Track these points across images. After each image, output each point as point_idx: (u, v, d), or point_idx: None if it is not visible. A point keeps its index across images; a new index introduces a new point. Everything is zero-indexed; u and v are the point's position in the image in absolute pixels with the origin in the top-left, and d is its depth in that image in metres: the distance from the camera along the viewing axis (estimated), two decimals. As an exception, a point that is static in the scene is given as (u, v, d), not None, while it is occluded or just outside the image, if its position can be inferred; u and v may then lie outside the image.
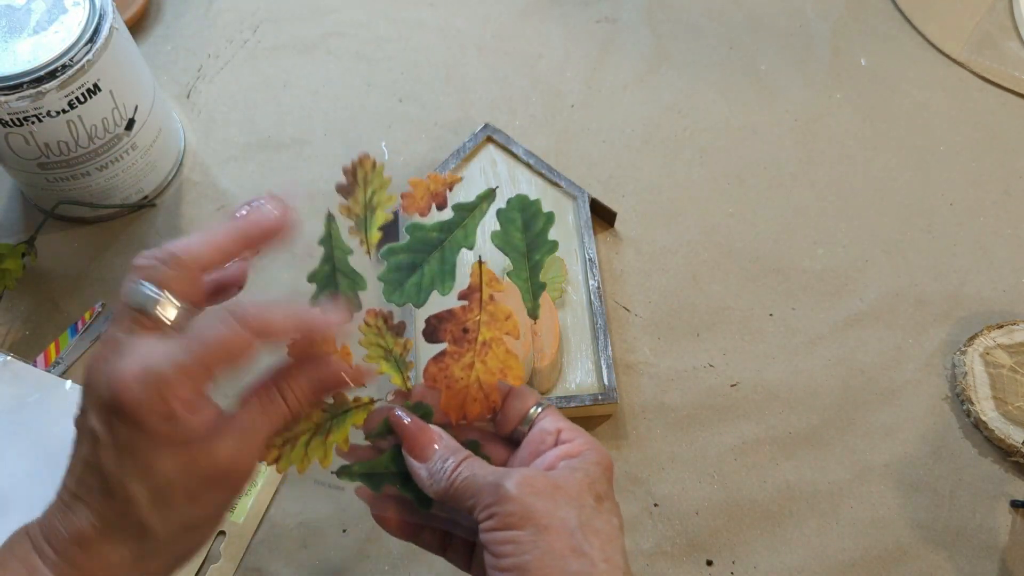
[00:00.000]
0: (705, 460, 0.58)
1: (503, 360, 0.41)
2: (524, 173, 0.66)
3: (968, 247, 0.67)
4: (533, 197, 0.59)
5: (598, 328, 0.59)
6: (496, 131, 0.67)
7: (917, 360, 0.62)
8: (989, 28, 0.77)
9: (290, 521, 0.55)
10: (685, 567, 0.54)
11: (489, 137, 0.67)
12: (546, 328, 0.58)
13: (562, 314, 0.60)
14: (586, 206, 0.64)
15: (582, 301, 0.61)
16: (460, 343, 0.41)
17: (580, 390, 0.58)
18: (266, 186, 0.68)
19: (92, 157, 0.60)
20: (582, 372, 0.58)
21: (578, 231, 0.63)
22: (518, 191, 0.62)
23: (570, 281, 0.62)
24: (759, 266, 0.65)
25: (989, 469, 0.57)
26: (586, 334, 0.60)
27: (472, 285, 0.41)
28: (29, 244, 0.63)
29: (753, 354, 0.62)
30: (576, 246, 0.63)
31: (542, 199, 0.61)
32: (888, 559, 0.54)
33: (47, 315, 0.62)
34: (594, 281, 0.61)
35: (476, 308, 0.41)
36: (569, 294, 0.61)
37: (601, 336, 0.59)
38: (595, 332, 0.59)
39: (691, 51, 0.77)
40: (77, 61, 0.55)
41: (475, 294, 0.41)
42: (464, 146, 0.66)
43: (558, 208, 0.64)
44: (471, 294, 0.41)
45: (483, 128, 0.67)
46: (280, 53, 0.76)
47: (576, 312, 0.61)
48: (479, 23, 0.78)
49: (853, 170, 0.70)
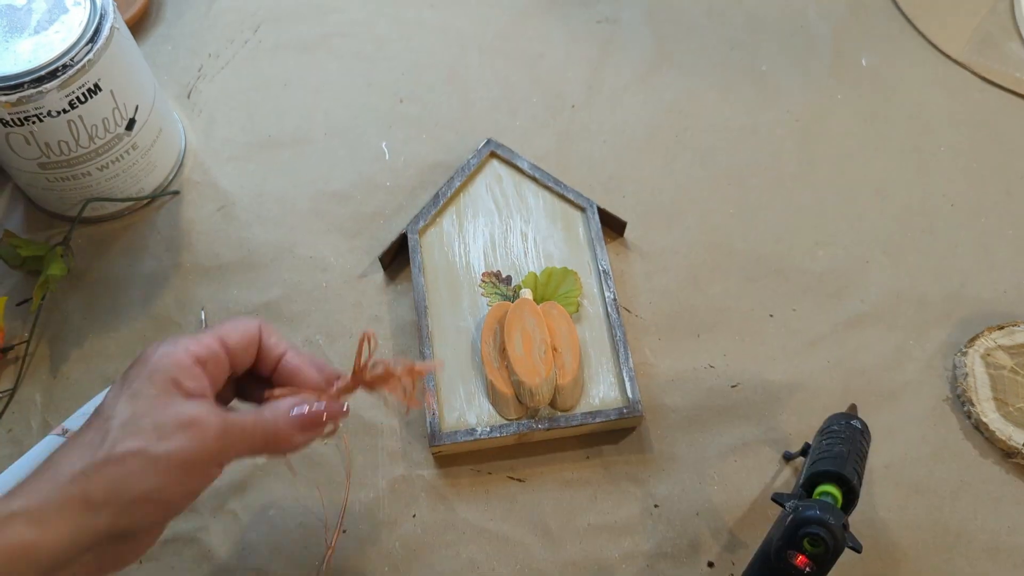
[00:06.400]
0: (705, 461, 0.57)
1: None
2: (530, 187, 0.65)
3: (969, 248, 0.66)
4: (543, 211, 0.63)
5: (618, 340, 0.58)
6: (499, 145, 0.66)
7: (918, 361, 0.62)
8: (990, 29, 0.77)
9: (290, 522, 0.55)
10: (685, 568, 0.54)
11: (493, 152, 0.66)
12: (566, 344, 0.57)
13: (580, 328, 0.59)
14: (595, 217, 0.63)
15: (599, 313, 0.60)
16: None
17: (604, 405, 0.57)
18: (266, 186, 0.68)
19: (93, 157, 0.60)
20: (605, 386, 0.57)
21: (590, 244, 0.62)
22: (525, 206, 0.64)
23: (585, 294, 0.61)
24: (760, 267, 0.65)
25: (990, 470, 0.57)
26: (606, 347, 0.59)
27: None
28: (65, 245, 0.63)
29: (753, 355, 0.61)
30: (589, 258, 0.62)
31: (551, 213, 0.63)
32: (888, 560, 0.54)
33: (47, 315, 0.62)
34: (610, 293, 0.60)
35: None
36: (586, 307, 0.60)
37: (621, 348, 0.58)
38: (615, 344, 0.58)
39: (692, 51, 0.77)
40: (78, 61, 0.55)
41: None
42: (468, 163, 0.65)
43: (568, 222, 0.63)
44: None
45: (486, 143, 0.66)
46: (281, 53, 0.76)
47: (594, 325, 0.60)
48: (480, 23, 0.78)
49: (854, 170, 0.70)
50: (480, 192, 0.65)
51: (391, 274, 0.64)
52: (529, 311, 0.58)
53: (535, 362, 0.55)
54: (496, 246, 0.62)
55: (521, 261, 0.62)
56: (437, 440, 0.55)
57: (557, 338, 0.57)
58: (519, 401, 0.56)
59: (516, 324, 0.57)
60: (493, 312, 0.59)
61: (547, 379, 0.55)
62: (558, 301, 0.60)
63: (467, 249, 0.62)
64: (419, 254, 0.61)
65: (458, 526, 0.55)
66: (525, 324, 0.57)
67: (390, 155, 0.70)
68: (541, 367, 0.55)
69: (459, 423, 0.56)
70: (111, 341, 0.61)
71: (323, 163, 0.70)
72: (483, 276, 0.61)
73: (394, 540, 0.54)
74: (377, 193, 0.68)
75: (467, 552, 0.54)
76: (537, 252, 0.62)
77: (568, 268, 0.61)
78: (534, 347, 0.56)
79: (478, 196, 0.64)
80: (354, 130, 0.71)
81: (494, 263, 0.62)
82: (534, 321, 0.57)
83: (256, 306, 0.63)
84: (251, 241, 0.66)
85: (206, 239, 0.66)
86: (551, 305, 0.59)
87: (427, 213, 0.63)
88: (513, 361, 0.55)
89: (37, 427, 0.58)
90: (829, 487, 0.46)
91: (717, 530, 0.55)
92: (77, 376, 0.60)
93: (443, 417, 0.56)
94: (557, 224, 0.63)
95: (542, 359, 0.56)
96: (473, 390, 0.57)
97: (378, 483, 0.56)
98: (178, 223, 0.67)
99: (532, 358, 0.56)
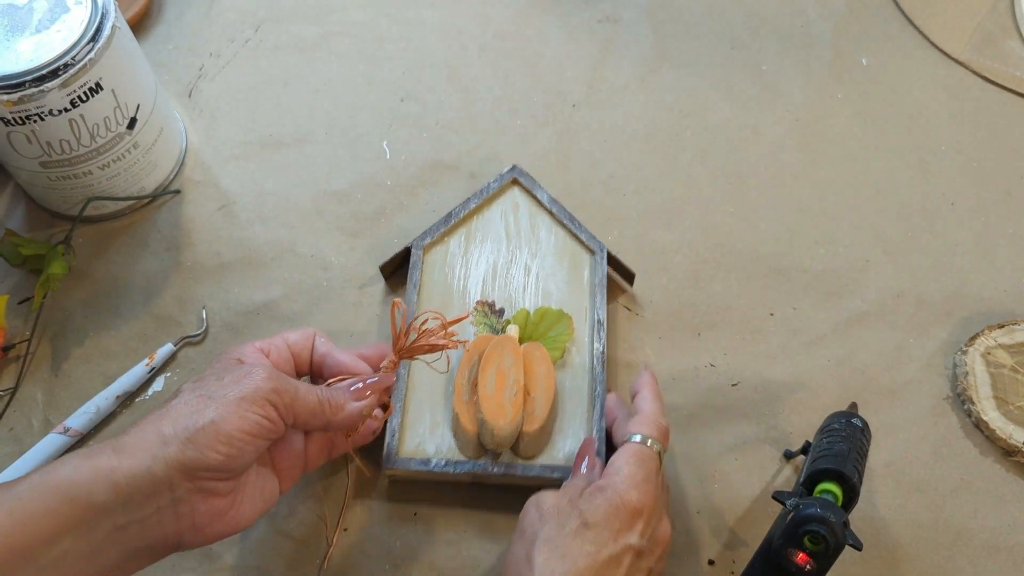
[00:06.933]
0: (706, 459, 0.58)
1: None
2: (545, 221, 0.63)
3: (969, 247, 0.67)
4: (552, 248, 0.62)
5: (596, 396, 0.55)
6: (523, 174, 0.64)
7: (918, 360, 0.62)
8: (990, 28, 0.78)
9: (290, 521, 0.55)
10: (686, 567, 0.54)
11: (515, 179, 0.64)
12: (541, 389, 0.55)
13: (561, 375, 0.57)
14: (603, 263, 0.60)
15: (584, 363, 0.57)
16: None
17: (567, 461, 0.54)
18: (267, 185, 0.68)
19: (94, 156, 0.60)
20: (573, 441, 0.54)
21: (591, 290, 0.60)
22: (536, 239, 0.62)
23: (575, 341, 0.58)
24: (760, 266, 0.65)
25: (990, 469, 0.57)
26: (583, 400, 0.56)
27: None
28: (66, 244, 0.63)
29: (754, 354, 0.62)
30: (587, 304, 0.59)
31: (560, 251, 0.62)
32: (889, 558, 0.54)
33: (48, 313, 0.62)
34: (599, 345, 0.57)
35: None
36: (572, 354, 0.58)
37: (598, 405, 0.55)
38: (592, 400, 0.55)
39: (692, 51, 0.77)
40: (79, 60, 0.55)
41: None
42: (488, 186, 0.63)
43: (575, 262, 0.61)
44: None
45: (511, 169, 0.64)
46: (282, 52, 0.76)
47: (576, 375, 0.57)
48: (480, 22, 0.78)
49: (854, 170, 0.70)
50: (494, 217, 0.63)
51: (392, 284, 0.64)
52: (510, 349, 0.55)
53: (503, 403, 0.53)
54: (497, 275, 0.61)
55: (518, 295, 0.60)
56: (390, 463, 0.53)
57: (532, 382, 0.55)
58: (480, 441, 0.54)
59: (493, 361, 0.55)
60: (476, 343, 0.57)
61: (512, 423, 0.52)
62: (545, 343, 0.57)
63: (467, 273, 0.60)
64: (419, 272, 0.60)
65: (460, 525, 0.55)
66: (502, 362, 0.55)
67: (391, 154, 0.70)
68: (509, 409, 0.52)
69: (417, 450, 0.54)
70: (112, 340, 0.61)
71: (324, 162, 0.70)
72: (477, 304, 0.59)
73: (395, 539, 0.54)
74: (378, 192, 0.68)
75: (468, 551, 0.54)
76: (536, 288, 0.60)
77: (563, 311, 0.59)
78: (506, 387, 0.53)
79: (491, 221, 0.63)
80: (355, 129, 0.72)
81: (491, 292, 0.60)
82: (512, 360, 0.55)
83: (257, 305, 0.63)
84: (252, 240, 0.66)
85: (207, 238, 0.66)
86: (535, 346, 0.56)
87: (436, 230, 0.62)
88: (482, 398, 0.53)
89: (38, 425, 0.58)
90: (830, 485, 0.46)
91: (717, 528, 0.55)
92: (78, 375, 0.60)
93: (403, 440, 0.54)
94: (563, 263, 0.61)
95: (511, 402, 0.53)
96: (439, 420, 0.55)
97: (380, 481, 0.56)
98: (179, 222, 0.67)
99: (501, 398, 0.53)
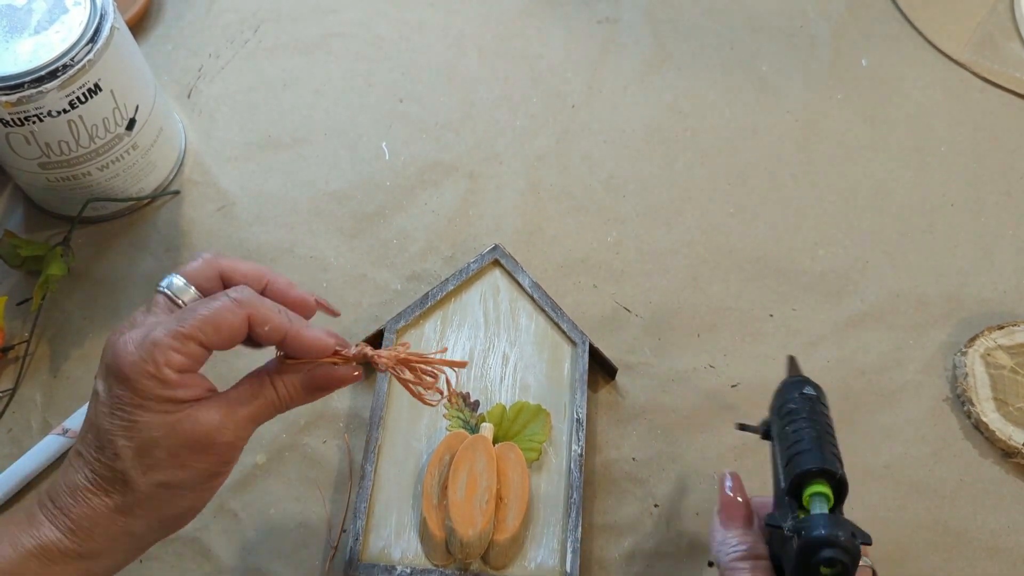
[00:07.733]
0: (705, 461, 0.57)
1: None
2: (526, 307, 0.59)
3: (969, 248, 0.67)
4: (532, 337, 0.58)
5: (572, 503, 0.52)
6: (505, 255, 0.60)
7: (918, 361, 0.62)
8: (990, 29, 0.77)
9: (290, 522, 0.55)
10: (686, 568, 0.54)
11: (497, 260, 0.61)
12: (514, 496, 0.52)
13: (536, 479, 0.54)
14: (585, 356, 0.57)
15: (561, 467, 0.54)
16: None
17: (539, 573, 0.51)
18: (267, 185, 0.68)
19: (93, 157, 0.60)
20: (545, 551, 0.51)
21: (572, 384, 0.57)
22: (515, 327, 0.58)
23: (552, 441, 0.55)
24: (759, 267, 0.65)
25: (990, 470, 0.57)
26: (558, 506, 0.53)
27: None
28: (65, 245, 0.62)
29: (753, 355, 0.61)
30: (567, 400, 0.56)
31: (541, 342, 0.58)
32: (889, 560, 0.54)
33: (47, 314, 0.62)
34: (577, 447, 0.54)
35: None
36: (549, 456, 0.55)
37: (573, 513, 0.52)
38: (568, 507, 0.52)
39: (692, 51, 0.77)
40: (78, 61, 0.55)
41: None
42: (468, 267, 0.60)
43: (556, 354, 0.58)
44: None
45: (491, 249, 0.61)
46: (281, 53, 0.76)
47: (552, 479, 0.54)
48: (480, 23, 0.78)
49: (854, 170, 0.70)
50: (473, 301, 0.60)
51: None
52: (483, 450, 0.53)
53: (473, 511, 0.50)
54: (473, 364, 0.58)
55: (495, 387, 0.57)
56: (353, 568, 0.50)
57: (506, 487, 0.52)
58: (447, 549, 0.51)
59: (464, 463, 0.52)
60: (448, 440, 0.54)
61: (482, 533, 0.50)
62: (520, 443, 0.54)
63: None
64: None
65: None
66: (474, 465, 0.52)
67: (390, 155, 0.70)
68: (479, 518, 0.50)
69: (381, 555, 0.51)
70: (111, 341, 0.61)
71: (323, 163, 0.70)
72: (450, 395, 0.54)
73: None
74: (377, 193, 0.68)
75: (467, 552, 0.54)
76: (514, 380, 0.57)
77: (542, 407, 0.56)
78: (477, 494, 0.51)
79: (470, 304, 0.60)
80: (354, 130, 0.71)
81: (466, 383, 0.57)
82: (484, 463, 0.52)
83: (256, 306, 0.63)
84: (251, 241, 0.66)
85: (206, 239, 0.66)
86: (509, 447, 0.54)
87: (411, 313, 0.59)
88: (451, 504, 0.50)
89: (37, 427, 0.58)
90: (818, 487, 0.41)
91: (717, 530, 0.55)
92: (77, 376, 0.60)
93: (366, 545, 0.52)
94: (543, 354, 0.58)
95: (482, 509, 0.50)
96: (407, 522, 0.52)
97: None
98: (178, 223, 0.67)
99: (472, 506, 0.50)
